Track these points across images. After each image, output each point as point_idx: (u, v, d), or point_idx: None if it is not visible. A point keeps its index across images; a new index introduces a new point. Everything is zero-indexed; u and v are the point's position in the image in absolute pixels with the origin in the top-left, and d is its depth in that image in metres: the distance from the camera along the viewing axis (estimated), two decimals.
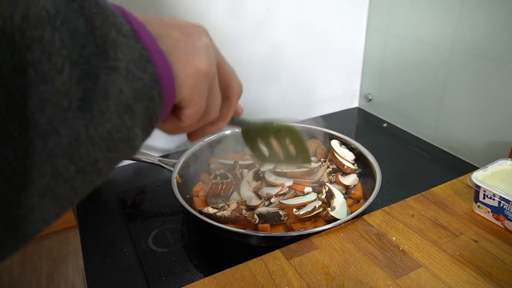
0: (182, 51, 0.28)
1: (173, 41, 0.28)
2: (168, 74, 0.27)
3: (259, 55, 0.92)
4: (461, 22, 0.78)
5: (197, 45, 0.30)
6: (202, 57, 0.29)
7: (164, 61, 0.26)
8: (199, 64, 0.29)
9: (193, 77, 0.29)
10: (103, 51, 0.23)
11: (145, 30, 0.26)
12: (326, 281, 0.50)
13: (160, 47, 0.26)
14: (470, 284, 0.49)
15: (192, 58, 0.29)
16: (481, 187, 0.59)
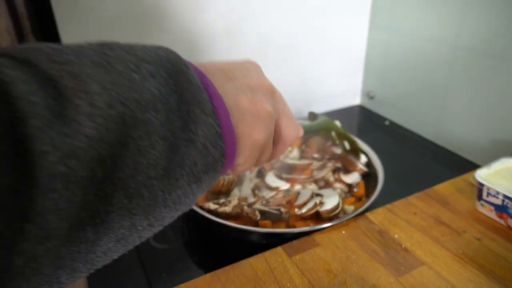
0: (246, 123, 0.30)
1: (241, 114, 0.30)
2: (232, 149, 0.29)
3: (260, 52, 0.92)
4: (465, 19, 0.78)
5: (261, 116, 0.31)
6: (262, 130, 0.32)
7: (232, 136, 0.29)
8: (258, 137, 0.31)
9: (251, 148, 0.31)
10: (186, 125, 0.25)
11: (223, 107, 0.28)
12: (328, 278, 0.50)
13: (231, 124, 0.29)
14: (472, 282, 0.49)
15: (253, 131, 0.31)
16: (484, 185, 0.59)
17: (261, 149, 0.33)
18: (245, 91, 0.31)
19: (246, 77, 0.32)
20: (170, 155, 0.24)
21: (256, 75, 0.33)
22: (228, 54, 0.88)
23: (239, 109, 0.30)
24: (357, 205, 0.66)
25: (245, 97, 0.31)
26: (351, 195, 0.71)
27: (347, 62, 1.06)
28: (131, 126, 0.22)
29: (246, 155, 0.31)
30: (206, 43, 0.85)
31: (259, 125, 0.31)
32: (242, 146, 0.30)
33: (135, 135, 0.22)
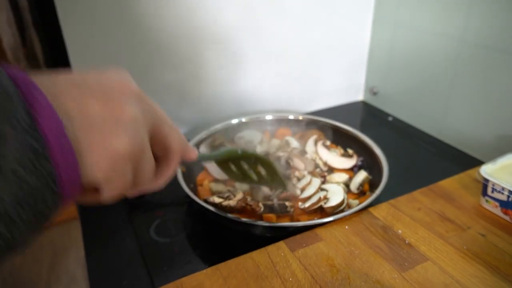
0: (99, 130, 0.25)
1: (88, 121, 0.25)
2: (72, 169, 0.23)
3: (263, 47, 0.91)
4: (471, 14, 0.77)
5: (120, 120, 0.26)
6: (122, 136, 0.26)
7: (68, 153, 0.23)
8: (117, 144, 0.26)
9: (109, 159, 0.25)
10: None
11: (51, 118, 0.22)
12: (331, 273, 0.49)
13: (65, 136, 0.23)
14: (477, 278, 0.49)
15: (109, 137, 0.25)
16: (489, 181, 0.58)
17: (129, 161, 0.27)
18: (97, 96, 0.26)
19: (100, 83, 0.27)
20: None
21: (117, 80, 0.28)
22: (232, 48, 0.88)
23: (84, 114, 0.24)
24: (361, 200, 0.65)
25: (95, 102, 0.25)
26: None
27: (350, 58, 1.05)
28: None
29: (104, 169, 0.25)
30: (207, 41, 0.84)
31: (118, 131, 0.26)
32: (96, 157, 0.25)
33: None
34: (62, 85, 0.25)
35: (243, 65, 0.91)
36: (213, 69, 0.88)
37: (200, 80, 0.88)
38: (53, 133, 0.22)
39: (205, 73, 0.88)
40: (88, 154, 0.25)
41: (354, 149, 0.78)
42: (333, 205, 0.62)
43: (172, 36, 0.81)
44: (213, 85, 0.90)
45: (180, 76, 0.86)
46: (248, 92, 0.95)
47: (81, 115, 0.24)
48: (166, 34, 0.80)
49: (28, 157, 0.21)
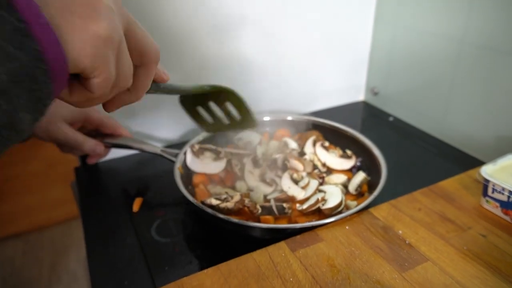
0: (77, 15, 0.26)
1: (65, 6, 0.25)
2: (55, 48, 0.24)
3: (262, 46, 0.91)
4: (472, 14, 0.77)
5: (97, 7, 0.27)
6: (101, 20, 0.27)
7: (49, 32, 0.24)
8: (97, 28, 0.27)
9: (92, 43, 0.26)
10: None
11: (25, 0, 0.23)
12: (331, 273, 0.50)
13: (42, 15, 0.24)
14: (478, 278, 0.49)
15: (89, 22, 0.26)
16: (490, 181, 0.58)
17: (109, 45, 0.28)
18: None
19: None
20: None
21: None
22: (230, 46, 0.88)
23: (60, 1, 0.25)
24: (360, 201, 0.65)
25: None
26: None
27: (351, 58, 1.05)
28: None
29: (89, 53, 0.26)
30: (207, 40, 0.85)
31: (97, 15, 0.27)
32: (79, 41, 0.26)
33: None
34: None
35: (243, 65, 0.91)
36: (212, 69, 0.88)
37: (200, 81, 0.89)
38: (29, 10, 0.23)
39: (205, 73, 0.88)
40: (71, 38, 0.25)
41: (353, 150, 0.78)
42: (331, 207, 0.62)
43: (172, 34, 0.81)
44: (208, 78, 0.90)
45: (181, 76, 0.86)
46: (248, 92, 0.95)
47: (57, 1, 0.25)
48: (165, 33, 0.80)
49: (12, 34, 0.22)
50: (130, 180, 0.77)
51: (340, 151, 0.78)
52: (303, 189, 0.67)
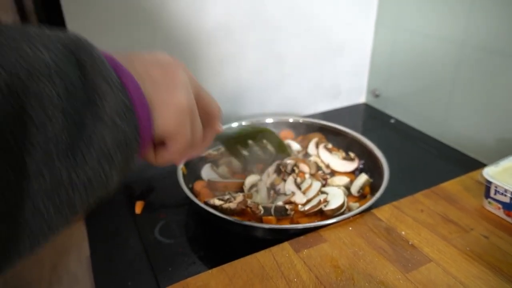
0: (163, 90, 0.30)
1: (155, 82, 0.30)
2: (147, 121, 0.29)
3: (264, 49, 0.92)
4: (472, 17, 0.77)
5: (176, 82, 0.32)
6: (181, 94, 0.31)
7: (145, 109, 0.28)
8: (179, 101, 0.31)
9: (176, 113, 0.31)
10: (92, 101, 0.25)
11: (131, 80, 0.28)
12: (335, 274, 0.50)
13: (143, 95, 0.28)
14: (481, 279, 0.49)
15: (172, 96, 0.31)
16: (492, 183, 0.59)
17: (187, 115, 0.32)
18: (155, 65, 0.31)
19: (155, 57, 0.33)
20: (74, 130, 0.23)
21: (166, 56, 0.34)
22: (232, 50, 0.88)
23: (151, 77, 0.30)
24: (362, 203, 0.65)
25: (155, 67, 0.31)
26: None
27: (352, 60, 1.05)
28: (23, 96, 0.21)
29: (173, 122, 0.31)
30: (208, 40, 0.85)
31: (177, 89, 0.31)
32: (165, 112, 0.30)
33: (28, 106, 0.21)
34: (127, 60, 0.30)
35: (244, 67, 0.92)
36: (213, 70, 0.89)
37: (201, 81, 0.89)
38: (135, 92, 0.28)
39: (206, 74, 0.89)
40: (159, 109, 0.30)
41: (355, 152, 0.78)
42: (332, 208, 0.62)
43: (175, 35, 0.81)
44: (213, 86, 0.91)
45: None
46: (249, 94, 0.96)
47: (149, 77, 0.30)
48: (168, 33, 0.81)
49: (121, 109, 0.26)
50: (133, 181, 0.78)
51: (343, 153, 0.78)
52: (304, 192, 0.67)
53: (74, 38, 0.26)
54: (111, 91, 0.25)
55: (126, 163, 0.28)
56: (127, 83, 0.27)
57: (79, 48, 0.25)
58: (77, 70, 0.24)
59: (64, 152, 0.23)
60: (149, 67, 0.31)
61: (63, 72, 0.23)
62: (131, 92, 0.27)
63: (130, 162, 0.28)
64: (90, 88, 0.25)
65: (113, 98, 0.26)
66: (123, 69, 0.28)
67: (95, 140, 0.24)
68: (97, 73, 0.25)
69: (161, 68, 0.31)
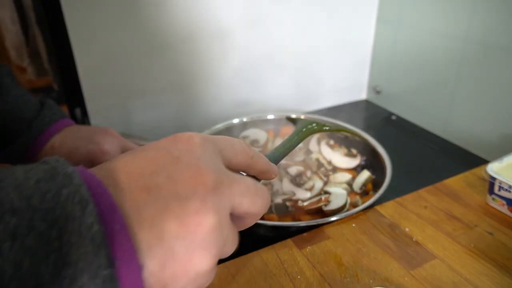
0: (179, 259, 0.22)
1: (169, 250, 0.22)
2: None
3: (265, 45, 0.91)
4: (476, 12, 0.77)
5: (199, 239, 0.23)
6: (204, 257, 0.23)
7: None
8: (200, 268, 0.23)
9: (194, 282, 0.23)
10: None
11: (130, 266, 0.20)
12: (339, 271, 0.49)
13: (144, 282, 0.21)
14: (486, 276, 0.48)
15: (191, 264, 0.23)
16: (496, 179, 0.58)
17: (212, 273, 0.25)
18: (172, 210, 0.22)
19: (172, 179, 0.23)
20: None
21: (186, 168, 0.24)
22: (232, 50, 0.88)
23: (164, 241, 0.22)
24: (365, 199, 0.65)
25: (171, 221, 0.22)
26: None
27: (353, 56, 1.05)
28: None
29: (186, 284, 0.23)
30: (209, 39, 0.84)
31: (199, 250, 0.23)
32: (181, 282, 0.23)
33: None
34: (135, 200, 0.22)
35: (246, 64, 0.91)
36: (215, 66, 0.88)
37: (202, 79, 0.88)
38: (132, 284, 0.20)
39: (207, 72, 0.88)
40: (174, 279, 0.22)
41: (357, 149, 0.77)
42: (333, 209, 0.62)
43: (176, 35, 0.81)
44: (215, 83, 0.90)
45: (182, 75, 0.86)
46: (251, 91, 0.95)
47: (159, 247, 0.22)
48: (169, 33, 0.80)
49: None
50: None
51: (345, 149, 0.78)
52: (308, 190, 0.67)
53: (62, 193, 0.19)
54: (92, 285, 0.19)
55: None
56: (123, 274, 0.20)
57: (66, 215, 0.19)
58: (55, 255, 0.18)
59: None
60: (163, 224, 0.22)
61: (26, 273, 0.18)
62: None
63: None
64: (66, 283, 0.18)
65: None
66: (124, 248, 0.20)
67: None
68: (83, 262, 0.19)
69: (179, 219, 0.22)
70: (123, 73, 0.80)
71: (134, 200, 0.22)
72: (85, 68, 0.76)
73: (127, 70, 0.80)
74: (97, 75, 0.78)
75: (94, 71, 0.77)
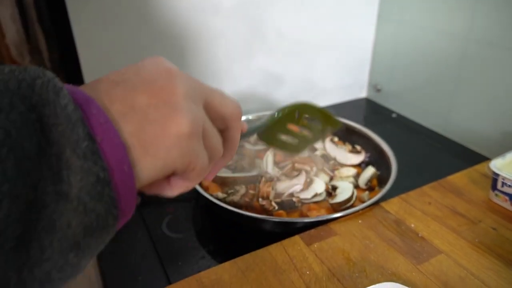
0: (154, 121, 0.24)
1: (142, 115, 0.24)
2: (131, 193, 0.23)
3: (267, 43, 0.91)
4: (478, 10, 0.77)
5: (172, 102, 0.25)
6: (182, 117, 0.25)
7: (129, 179, 0.23)
8: (179, 128, 0.25)
9: (177, 144, 0.25)
10: (56, 173, 0.19)
11: (111, 141, 0.22)
12: (348, 266, 0.50)
13: (127, 158, 0.22)
14: (492, 270, 0.49)
15: (170, 125, 0.24)
16: (499, 175, 0.59)
17: (194, 137, 0.26)
18: (141, 88, 0.25)
19: (139, 74, 0.26)
20: (28, 216, 0.18)
21: (155, 67, 0.27)
22: (233, 48, 0.88)
23: (136, 110, 0.24)
24: (371, 195, 0.66)
25: (141, 94, 0.24)
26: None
27: (354, 55, 1.05)
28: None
29: (177, 155, 0.25)
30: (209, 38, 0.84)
31: (174, 114, 0.25)
32: (164, 147, 0.24)
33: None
34: (106, 90, 0.24)
35: (247, 61, 0.91)
36: (217, 65, 0.88)
37: (205, 78, 0.88)
38: (115, 159, 0.22)
39: (209, 70, 0.88)
40: (153, 150, 0.24)
41: (361, 146, 0.78)
42: (339, 201, 0.62)
43: (177, 32, 0.81)
44: (218, 80, 0.90)
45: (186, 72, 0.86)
46: (252, 89, 0.96)
47: (134, 111, 0.24)
48: (170, 33, 0.80)
49: (92, 185, 0.21)
50: None
51: (350, 146, 0.78)
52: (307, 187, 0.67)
53: (37, 85, 0.20)
54: (80, 164, 0.20)
55: (98, 244, 0.22)
56: (106, 149, 0.21)
57: (42, 103, 0.20)
58: (37, 135, 0.19)
59: (13, 245, 0.18)
60: (132, 97, 0.24)
61: (15, 142, 0.18)
62: (109, 161, 0.21)
63: (106, 239, 0.23)
64: (53, 157, 0.19)
65: (81, 172, 0.20)
66: (103, 126, 0.22)
67: (57, 224, 0.19)
68: (63, 139, 0.20)
69: (148, 91, 0.25)
70: None
71: (105, 90, 0.24)
72: (89, 65, 0.76)
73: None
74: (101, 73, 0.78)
75: (98, 69, 0.77)
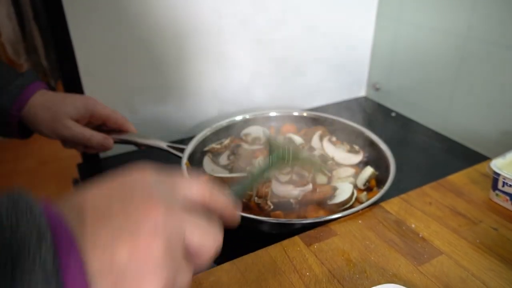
0: (132, 282, 0.24)
1: (121, 274, 0.24)
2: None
3: (262, 43, 0.91)
4: (477, 9, 0.77)
5: (152, 264, 0.25)
6: (153, 278, 0.25)
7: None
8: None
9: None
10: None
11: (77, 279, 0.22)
12: (348, 267, 0.49)
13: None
14: (493, 271, 0.49)
15: (142, 284, 0.24)
16: (500, 175, 0.59)
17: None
18: (124, 238, 0.24)
19: (125, 210, 0.25)
20: None
21: (141, 202, 0.26)
22: (234, 48, 0.87)
23: (114, 267, 0.23)
24: (370, 195, 0.65)
25: (122, 247, 0.24)
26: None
27: (353, 54, 1.05)
28: None
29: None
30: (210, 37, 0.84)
31: (149, 274, 0.24)
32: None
33: None
34: (91, 231, 0.24)
35: (247, 61, 0.91)
36: (216, 65, 0.88)
37: (204, 77, 0.88)
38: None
39: (208, 70, 0.87)
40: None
41: (359, 145, 0.78)
42: (337, 203, 0.62)
43: (175, 33, 0.80)
44: (216, 81, 0.90)
45: (183, 73, 0.85)
46: (252, 88, 0.95)
47: (111, 271, 0.23)
48: (168, 32, 0.79)
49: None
50: None
51: (348, 145, 0.78)
52: None
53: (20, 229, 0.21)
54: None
55: None
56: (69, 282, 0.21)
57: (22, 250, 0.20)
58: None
59: None
60: (115, 249, 0.24)
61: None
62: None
63: None
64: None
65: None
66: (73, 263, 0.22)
67: None
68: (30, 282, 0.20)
69: (130, 246, 0.24)
70: (124, 70, 0.79)
71: (91, 232, 0.24)
72: (85, 65, 0.75)
73: (128, 67, 0.79)
74: (98, 72, 0.77)
75: (95, 68, 0.76)
